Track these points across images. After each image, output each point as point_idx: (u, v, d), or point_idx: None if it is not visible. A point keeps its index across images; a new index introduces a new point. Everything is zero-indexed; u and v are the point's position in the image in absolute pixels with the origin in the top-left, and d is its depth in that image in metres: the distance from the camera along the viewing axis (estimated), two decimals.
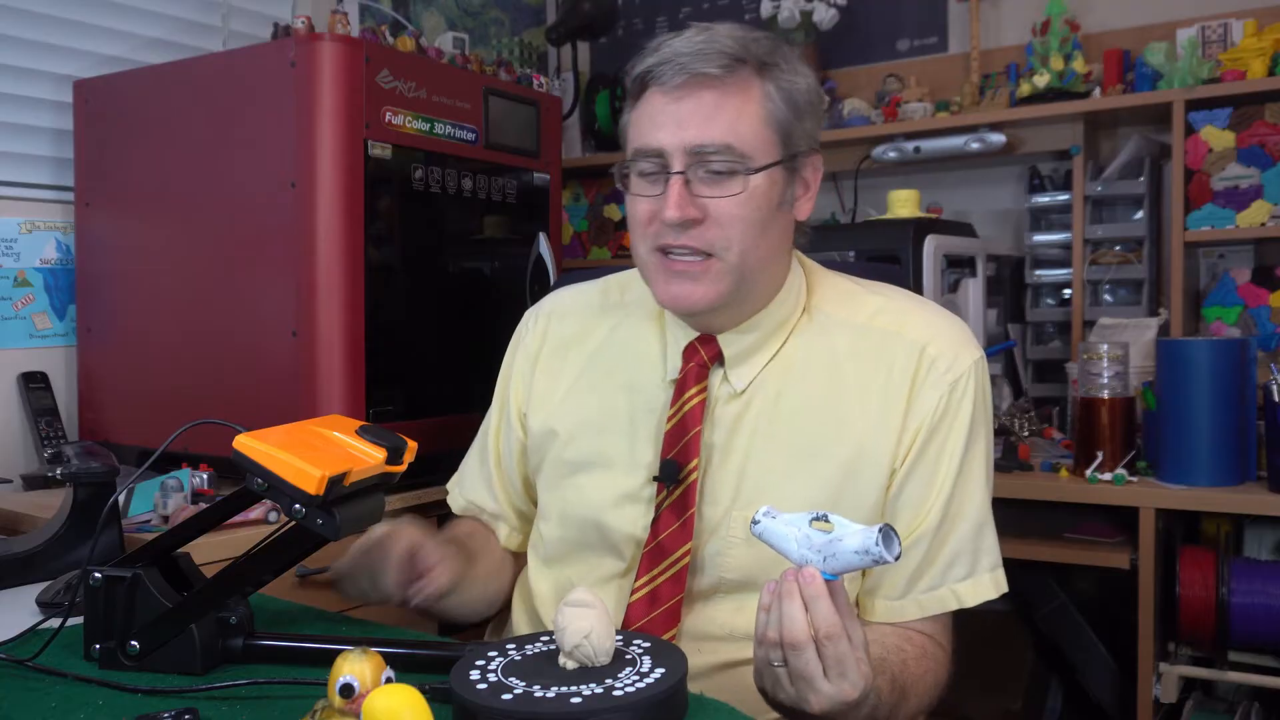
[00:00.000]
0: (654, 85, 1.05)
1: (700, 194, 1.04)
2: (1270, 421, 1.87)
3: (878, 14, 2.83)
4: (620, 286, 1.27)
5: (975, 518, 1.10)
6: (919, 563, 1.08)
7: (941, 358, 1.09)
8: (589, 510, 1.16)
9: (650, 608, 1.08)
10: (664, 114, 1.04)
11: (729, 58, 1.03)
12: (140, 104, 1.86)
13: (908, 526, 1.09)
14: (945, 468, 1.08)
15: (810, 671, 0.85)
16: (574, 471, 1.18)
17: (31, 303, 1.99)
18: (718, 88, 1.03)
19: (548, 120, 2.07)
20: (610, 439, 1.16)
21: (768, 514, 0.88)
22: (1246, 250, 2.38)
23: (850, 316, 1.14)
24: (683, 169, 1.03)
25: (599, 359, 1.21)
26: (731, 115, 1.03)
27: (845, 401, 1.09)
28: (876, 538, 0.82)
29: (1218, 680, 2.00)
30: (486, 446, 1.31)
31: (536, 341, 1.27)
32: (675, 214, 1.03)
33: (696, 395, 1.11)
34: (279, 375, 1.65)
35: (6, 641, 1.01)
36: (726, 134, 1.03)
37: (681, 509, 1.09)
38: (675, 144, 1.03)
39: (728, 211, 1.04)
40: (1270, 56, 2.21)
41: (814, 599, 0.84)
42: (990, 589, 1.10)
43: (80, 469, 1.28)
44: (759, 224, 1.05)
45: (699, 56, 1.03)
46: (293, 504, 0.88)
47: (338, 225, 1.63)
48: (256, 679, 0.91)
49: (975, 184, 2.71)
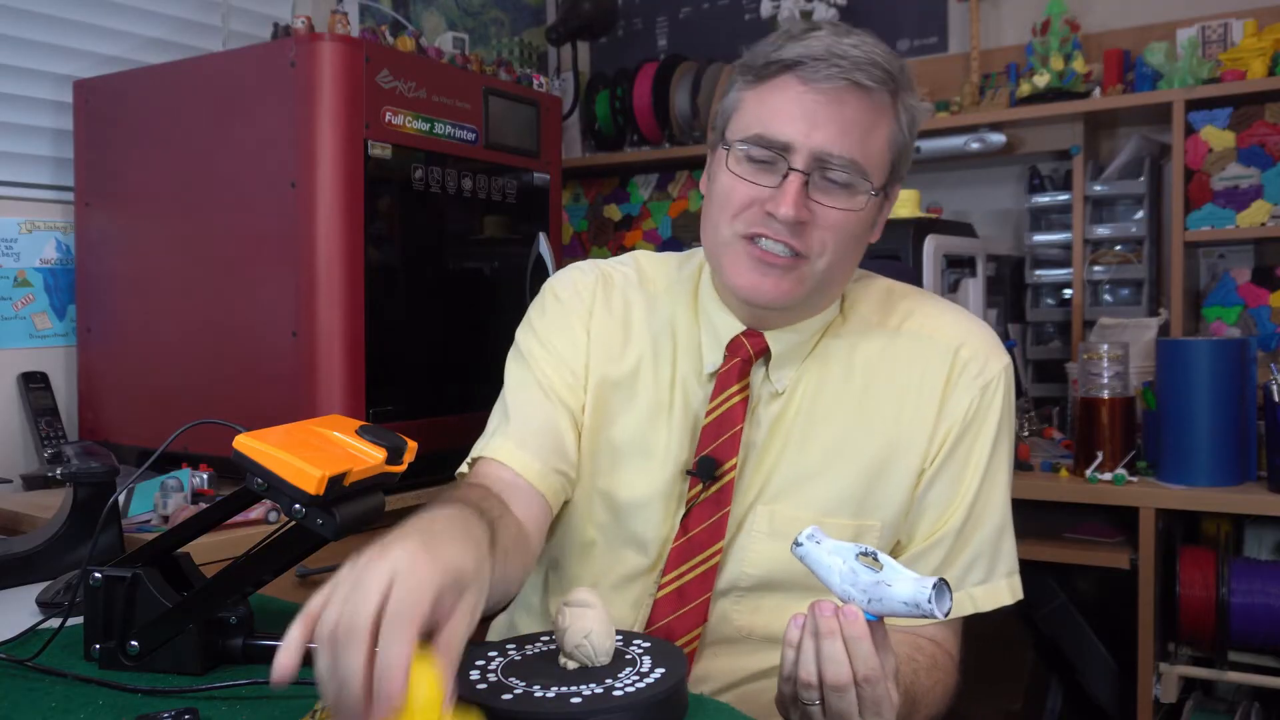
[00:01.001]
0: (797, 76, 1.01)
1: (814, 198, 1.02)
2: (1270, 421, 1.87)
3: (878, 14, 2.83)
4: (650, 268, 1.22)
5: (997, 521, 1.10)
6: (939, 564, 1.08)
7: (974, 361, 1.10)
8: (624, 497, 1.12)
9: (678, 605, 1.08)
10: (802, 109, 1.01)
11: (883, 72, 1.01)
12: (140, 104, 1.86)
13: (931, 526, 1.09)
14: (972, 469, 1.09)
15: (849, 712, 0.84)
16: (613, 456, 1.14)
17: (31, 303, 1.99)
18: (865, 100, 1.01)
19: (548, 120, 2.07)
20: (653, 428, 1.13)
21: (811, 538, 0.85)
22: (1246, 250, 2.38)
23: (883, 319, 1.14)
24: (804, 169, 1.01)
25: (643, 339, 1.16)
26: (866, 131, 1.02)
27: (877, 401, 1.10)
28: (930, 594, 0.78)
29: (1218, 680, 2.00)
30: (521, 400, 1.15)
31: (588, 302, 1.17)
32: (791, 212, 1.00)
33: (739, 392, 1.10)
34: (279, 375, 1.65)
35: (6, 641, 1.00)
36: (856, 149, 1.01)
37: (716, 507, 1.08)
38: (805, 143, 1.01)
39: (835, 222, 1.03)
40: (1270, 56, 2.21)
41: (856, 641, 0.82)
42: (1006, 594, 1.10)
43: (80, 469, 1.28)
44: (855, 239, 1.06)
45: (859, 63, 1.00)
46: (293, 504, 0.88)
47: (338, 225, 1.63)
48: (256, 679, 0.91)
49: (975, 184, 2.71)
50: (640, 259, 1.23)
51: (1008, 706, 2.21)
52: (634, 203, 3.00)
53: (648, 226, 2.96)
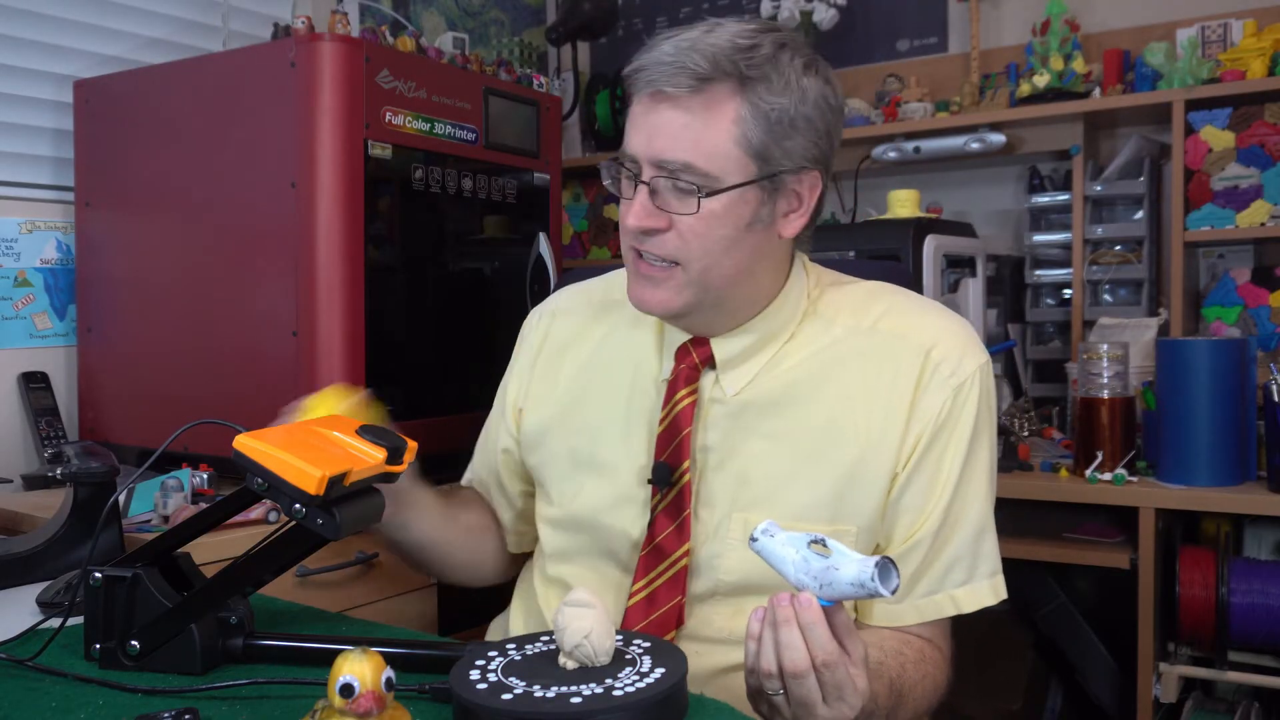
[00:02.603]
0: (639, 86, 1.04)
1: (667, 205, 1.04)
2: (1270, 421, 1.87)
3: (878, 14, 2.84)
4: (623, 285, 1.26)
5: (975, 523, 1.09)
6: (917, 567, 1.08)
7: (946, 361, 1.08)
8: (587, 512, 1.15)
9: (649, 610, 1.08)
10: (638, 122, 1.04)
11: (698, 76, 1.00)
12: (140, 104, 1.86)
13: (907, 530, 1.08)
14: (947, 472, 1.08)
15: (811, 699, 0.85)
16: (572, 473, 1.18)
17: (31, 303, 1.99)
18: (682, 107, 1.01)
19: (548, 120, 2.07)
20: (607, 441, 1.16)
21: (766, 532, 0.87)
22: (1246, 250, 2.38)
23: (855, 320, 1.12)
24: (648, 179, 1.03)
25: (596, 360, 1.21)
26: (695, 135, 1.01)
27: (849, 404, 1.09)
28: (873, 572, 0.80)
29: (1217, 680, 2.00)
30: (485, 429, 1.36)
31: (538, 340, 1.28)
32: (634, 222, 1.04)
33: (687, 397, 1.11)
34: (279, 375, 1.65)
35: (6, 641, 1.00)
36: (688, 153, 1.01)
37: (676, 511, 1.09)
38: (645, 153, 1.03)
39: (688, 226, 1.03)
40: (1270, 56, 2.21)
41: (811, 626, 0.83)
42: (989, 595, 1.10)
43: (80, 469, 1.28)
44: (723, 241, 1.04)
45: (671, 71, 1.00)
46: (293, 504, 0.88)
47: (338, 225, 1.63)
48: (256, 679, 0.91)
49: (975, 184, 2.71)
50: (612, 278, 1.27)
51: (1008, 706, 2.21)
52: None
53: None
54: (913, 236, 2.07)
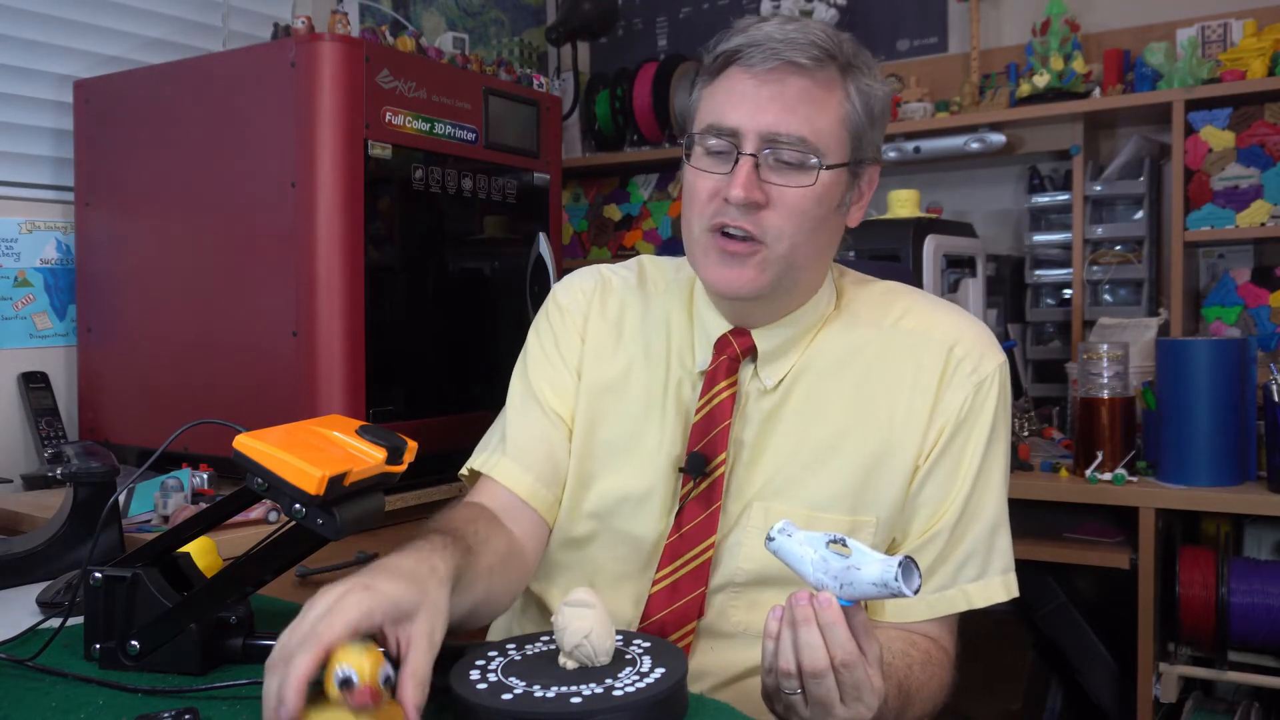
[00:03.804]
0: (739, 65, 1.04)
1: (767, 179, 1.03)
2: (1270, 421, 1.87)
3: (878, 14, 2.84)
4: (652, 270, 1.23)
5: (991, 519, 1.10)
6: (933, 560, 1.09)
7: (968, 358, 1.10)
8: (614, 499, 1.14)
9: (671, 599, 1.08)
10: (745, 95, 1.03)
11: (821, 50, 1.03)
12: (140, 104, 1.86)
13: (925, 523, 1.09)
14: (966, 467, 1.09)
15: (829, 699, 0.85)
16: (603, 457, 1.16)
17: (31, 303, 1.99)
18: (805, 78, 1.03)
19: (548, 120, 2.07)
20: (640, 427, 1.15)
21: (783, 531, 0.86)
22: (1246, 250, 2.38)
23: (879, 318, 1.14)
24: (754, 151, 1.03)
25: (635, 341, 1.18)
26: (812, 108, 1.03)
27: (871, 399, 1.10)
28: (896, 571, 0.80)
29: (1217, 680, 2.00)
30: (519, 413, 1.19)
31: (581, 309, 1.20)
32: (741, 193, 1.02)
33: (727, 389, 1.11)
34: (279, 375, 1.65)
35: (6, 641, 1.00)
36: (803, 126, 1.02)
37: (707, 502, 1.09)
38: (751, 126, 1.03)
39: (791, 202, 1.03)
40: (1270, 56, 2.21)
41: (830, 626, 0.83)
42: (1000, 591, 1.10)
43: (80, 469, 1.28)
44: (816, 220, 1.05)
45: (792, 44, 1.02)
46: (293, 504, 0.88)
47: (338, 225, 1.63)
48: (256, 679, 0.91)
49: (975, 184, 2.71)
50: (644, 261, 1.25)
51: (1008, 706, 2.21)
52: (634, 203, 3.00)
53: (648, 226, 2.97)
54: (913, 236, 2.07)
